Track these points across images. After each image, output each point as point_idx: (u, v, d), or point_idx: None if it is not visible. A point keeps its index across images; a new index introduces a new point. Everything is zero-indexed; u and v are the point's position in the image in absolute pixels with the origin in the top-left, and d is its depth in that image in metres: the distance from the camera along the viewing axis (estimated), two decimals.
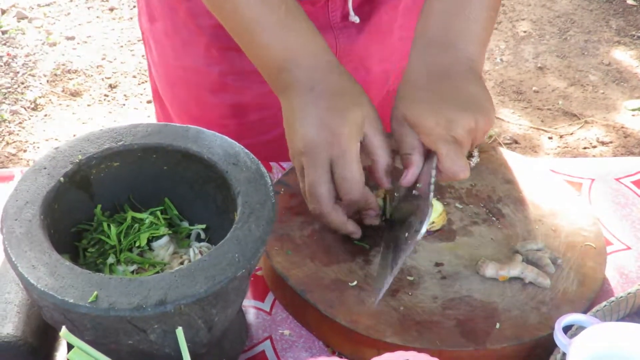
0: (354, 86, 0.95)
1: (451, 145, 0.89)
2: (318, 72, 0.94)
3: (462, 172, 0.90)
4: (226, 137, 0.90)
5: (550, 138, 3.00)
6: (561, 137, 3.00)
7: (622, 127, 3.05)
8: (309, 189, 0.91)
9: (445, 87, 0.92)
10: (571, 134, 3.02)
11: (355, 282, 0.92)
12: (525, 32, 3.67)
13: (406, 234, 0.90)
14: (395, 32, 1.24)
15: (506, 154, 1.15)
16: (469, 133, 0.90)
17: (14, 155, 2.85)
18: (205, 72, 1.19)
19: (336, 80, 0.94)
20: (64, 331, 0.69)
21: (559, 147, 2.95)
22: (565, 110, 3.15)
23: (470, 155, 0.96)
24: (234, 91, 1.19)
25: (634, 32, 3.67)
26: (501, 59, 3.47)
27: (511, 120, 3.10)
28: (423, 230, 0.85)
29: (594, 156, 2.83)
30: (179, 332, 0.72)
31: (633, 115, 3.13)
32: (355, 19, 1.17)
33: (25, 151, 2.88)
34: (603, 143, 2.97)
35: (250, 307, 0.95)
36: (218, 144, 0.89)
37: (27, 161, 2.80)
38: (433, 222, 1.00)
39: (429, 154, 0.92)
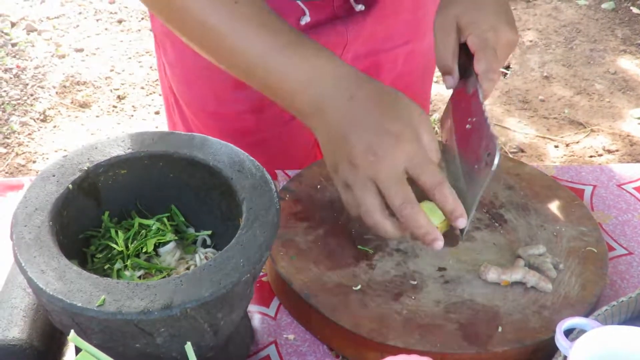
0: (389, 88, 0.91)
1: (495, 56, 0.96)
2: (349, 82, 0.90)
3: (497, 75, 0.96)
4: (231, 145, 0.91)
5: (556, 147, 3.00)
6: (567, 145, 3.01)
7: (628, 136, 3.06)
8: (397, 202, 0.84)
9: (496, 2, 1.00)
10: (577, 142, 3.02)
11: (359, 286, 0.94)
12: (531, 41, 3.68)
13: (475, 167, 0.89)
14: (401, 14, 1.26)
15: (508, 160, 1.16)
16: (509, 47, 0.98)
17: (23, 166, 2.87)
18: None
19: (372, 85, 0.90)
20: (72, 335, 0.71)
21: (565, 155, 2.96)
22: (571, 119, 3.16)
23: (508, 67, 1.01)
24: (253, 88, 1.22)
25: (639, 41, 3.67)
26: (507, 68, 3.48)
27: (517, 129, 3.10)
28: (497, 159, 0.85)
29: (599, 164, 2.83)
30: (188, 347, 0.73)
31: (639, 124, 3.13)
32: (359, 7, 1.20)
33: (34, 162, 2.90)
34: (609, 151, 2.97)
35: (256, 313, 0.97)
36: (223, 152, 0.90)
37: (37, 172, 2.82)
38: (436, 227, 1.01)
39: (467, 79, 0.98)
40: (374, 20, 1.23)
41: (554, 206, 1.08)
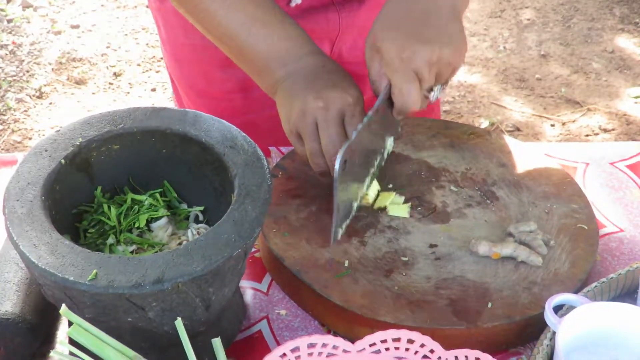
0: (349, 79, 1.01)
1: (405, 76, 0.91)
2: (321, 57, 1.03)
3: (410, 104, 0.93)
4: (224, 121, 0.91)
5: (552, 125, 3.00)
6: (563, 124, 3.01)
7: (625, 115, 3.05)
8: (329, 140, 0.95)
9: (420, 22, 0.93)
10: (573, 121, 3.02)
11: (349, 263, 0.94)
12: (528, 19, 3.67)
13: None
14: None
15: (501, 138, 1.16)
16: (431, 66, 0.91)
17: (19, 142, 2.87)
18: (214, 49, 1.21)
19: (337, 63, 1.03)
20: (63, 308, 0.71)
21: (561, 134, 2.96)
22: (568, 98, 3.15)
23: (430, 90, 0.96)
24: (240, 68, 1.22)
25: (637, 20, 3.66)
26: (504, 47, 3.47)
27: (514, 107, 3.10)
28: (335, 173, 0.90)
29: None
30: (179, 323, 0.73)
31: (636, 103, 3.13)
32: None
33: (30, 139, 2.90)
34: (605, 130, 2.97)
35: (248, 288, 0.97)
36: (215, 128, 0.90)
37: None
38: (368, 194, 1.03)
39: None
40: (368, 10, 1.21)
41: (545, 183, 1.08)
